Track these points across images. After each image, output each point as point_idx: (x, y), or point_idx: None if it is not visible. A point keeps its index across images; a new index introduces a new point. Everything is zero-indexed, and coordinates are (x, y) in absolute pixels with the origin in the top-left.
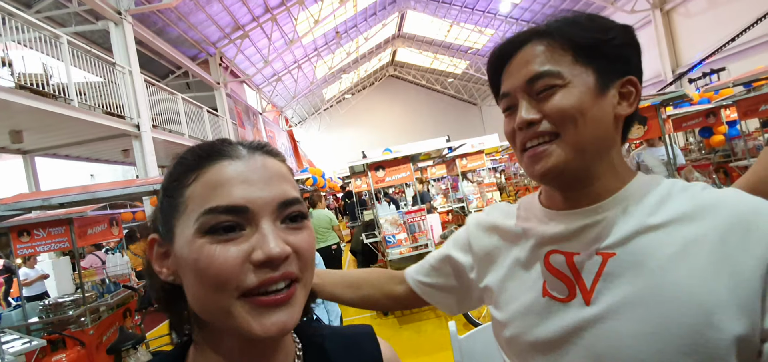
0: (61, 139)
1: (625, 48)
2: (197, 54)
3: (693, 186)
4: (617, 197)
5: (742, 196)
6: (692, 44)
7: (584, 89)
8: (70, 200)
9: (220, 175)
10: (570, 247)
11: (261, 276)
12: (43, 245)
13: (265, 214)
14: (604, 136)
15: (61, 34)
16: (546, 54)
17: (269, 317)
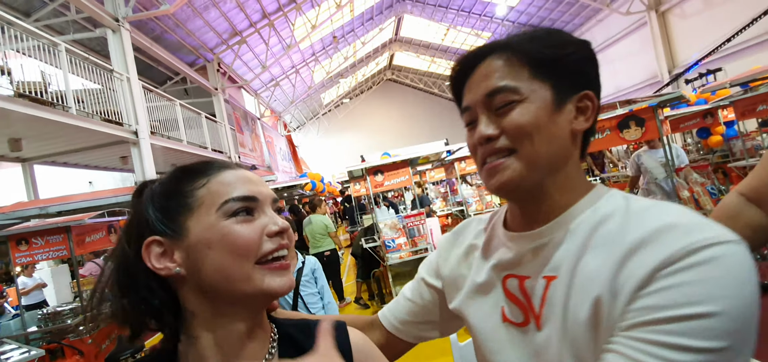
0: (59, 146)
1: (583, 63)
2: (195, 60)
3: (638, 207)
4: (564, 217)
5: (668, 217)
6: (688, 45)
7: (541, 105)
8: (68, 208)
9: (230, 177)
10: (522, 271)
11: (275, 243)
12: (42, 253)
13: (267, 203)
14: (560, 151)
15: (60, 42)
16: (505, 68)
17: (279, 277)
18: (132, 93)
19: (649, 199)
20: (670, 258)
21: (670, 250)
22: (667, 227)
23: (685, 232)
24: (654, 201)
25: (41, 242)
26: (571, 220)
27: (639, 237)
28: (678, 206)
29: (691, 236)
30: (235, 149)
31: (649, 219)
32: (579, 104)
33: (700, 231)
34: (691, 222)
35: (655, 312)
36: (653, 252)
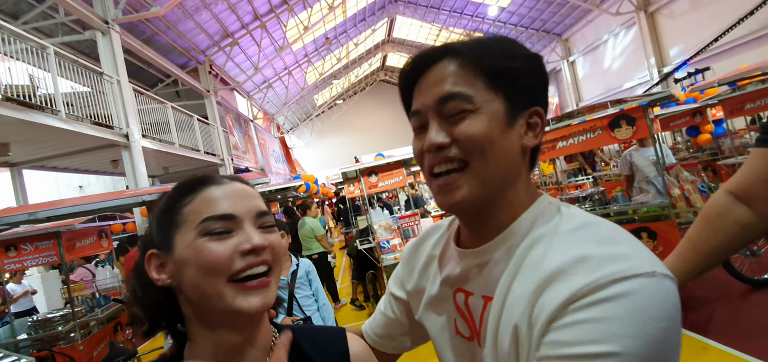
0: (48, 150)
1: (534, 77)
2: (186, 62)
3: (566, 229)
4: (504, 236)
5: (586, 246)
6: (677, 45)
7: (493, 117)
8: (58, 213)
9: (212, 194)
10: (468, 287)
11: (247, 261)
12: (31, 259)
13: (248, 219)
14: (511, 168)
15: (48, 45)
16: (459, 74)
17: (251, 296)
18: (122, 96)
19: (582, 218)
20: (579, 292)
21: (579, 284)
22: (581, 258)
23: (597, 265)
24: (584, 221)
25: (31, 248)
26: (510, 239)
27: (556, 266)
28: (607, 229)
29: (601, 270)
30: (228, 151)
31: (569, 247)
32: (529, 120)
33: (611, 265)
34: (606, 255)
35: (561, 347)
36: (565, 285)
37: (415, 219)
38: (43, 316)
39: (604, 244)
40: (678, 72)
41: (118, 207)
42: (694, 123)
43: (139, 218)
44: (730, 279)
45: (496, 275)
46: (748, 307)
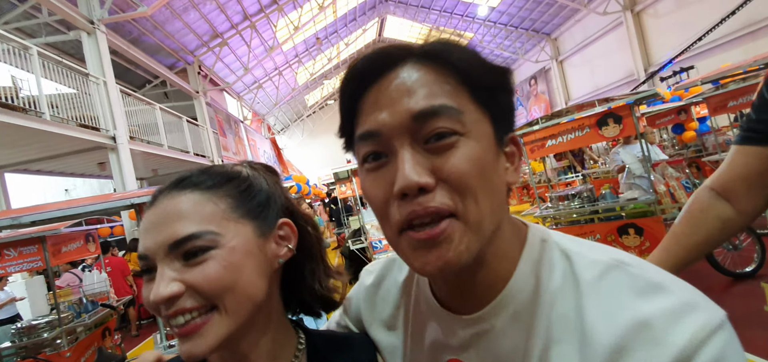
0: (32, 153)
1: (511, 95)
2: (175, 63)
3: (588, 278)
4: (504, 298)
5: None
6: (662, 44)
7: (485, 145)
8: (43, 217)
9: (142, 225)
10: (468, 358)
11: (165, 312)
12: (15, 265)
13: (160, 257)
14: (501, 208)
15: (31, 46)
16: (438, 83)
17: (183, 344)
18: (109, 97)
19: (594, 257)
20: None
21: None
22: (640, 326)
23: (665, 332)
24: (604, 265)
25: (14, 253)
26: (512, 300)
27: (613, 341)
28: (636, 270)
29: (673, 339)
30: (218, 153)
31: (612, 310)
32: (506, 149)
33: (679, 327)
34: (665, 312)
35: None
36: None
37: None
38: (28, 323)
39: (650, 295)
40: (663, 70)
41: (105, 211)
42: (679, 121)
43: (128, 221)
44: (712, 271)
45: (510, 346)
46: (730, 299)
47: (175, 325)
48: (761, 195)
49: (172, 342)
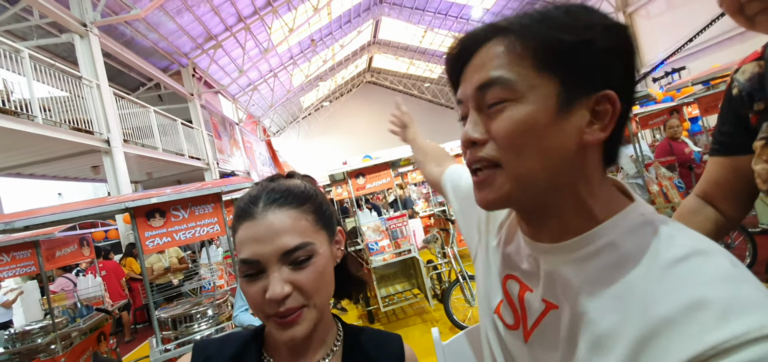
0: (24, 157)
1: (609, 54)
2: (169, 65)
3: (669, 259)
4: (570, 245)
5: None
6: (654, 45)
7: (540, 107)
8: (37, 222)
9: (244, 234)
10: (525, 280)
11: (273, 308)
12: (8, 270)
13: (273, 262)
14: (561, 168)
15: (23, 48)
16: (504, 56)
17: (285, 332)
18: (102, 100)
19: (688, 244)
20: (699, 356)
21: (699, 346)
22: (697, 304)
23: (720, 317)
24: (691, 249)
25: (7, 258)
26: (582, 248)
27: (664, 313)
28: (723, 262)
29: (728, 325)
30: (214, 155)
31: (677, 286)
32: (596, 107)
33: (738, 317)
34: (729, 301)
35: None
36: (679, 342)
37: (403, 220)
38: (22, 329)
39: (722, 284)
40: (655, 71)
41: (100, 215)
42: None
43: (123, 225)
44: None
45: (566, 284)
46: None
47: (276, 315)
48: (738, 200)
49: (168, 346)
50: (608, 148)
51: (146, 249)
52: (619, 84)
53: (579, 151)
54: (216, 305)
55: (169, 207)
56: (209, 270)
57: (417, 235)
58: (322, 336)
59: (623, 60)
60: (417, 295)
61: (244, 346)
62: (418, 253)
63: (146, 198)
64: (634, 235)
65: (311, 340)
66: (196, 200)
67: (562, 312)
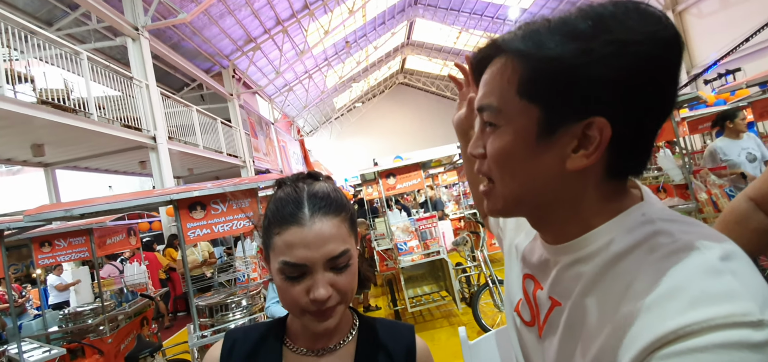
0: (80, 152)
1: (598, 84)
2: (211, 67)
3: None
4: (571, 246)
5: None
6: (706, 45)
7: (519, 135)
8: (92, 210)
9: (293, 237)
10: (538, 278)
11: (315, 305)
12: (64, 255)
13: (318, 266)
14: (546, 190)
15: (81, 51)
16: (497, 79)
17: (321, 324)
18: (151, 99)
19: (689, 236)
20: (663, 337)
21: (665, 327)
22: (673, 290)
23: (690, 303)
24: (690, 242)
25: (64, 244)
26: (582, 248)
27: (644, 296)
28: (718, 254)
29: (695, 310)
30: (250, 154)
31: (662, 274)
32: (587, 131)
33: (708, 305)
34: (705, 290)
35: None
36: (650, 324)
37: (433, 221)
38: (74, 310)
39: (706, 275)
40: (707, 73)
41: (147, 205)
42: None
43: (165, 218)
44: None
45: (569, 282)
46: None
47: (316, 312)
48: None
49: (205, 333)
50: (617, 161)
51: (187, 239)
52: (617, 109)
53: (567, 175)
54: (250, 296)
55: (209, 201)
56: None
57: (446, 237)
58: (340, 324)
59: (625, 89)
60: (445, 298)
61: (268, 332)
62: (447, 255)
63: (189, 191)
64: (631, 234)
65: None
66: (235, 195)
67: (564, 309)
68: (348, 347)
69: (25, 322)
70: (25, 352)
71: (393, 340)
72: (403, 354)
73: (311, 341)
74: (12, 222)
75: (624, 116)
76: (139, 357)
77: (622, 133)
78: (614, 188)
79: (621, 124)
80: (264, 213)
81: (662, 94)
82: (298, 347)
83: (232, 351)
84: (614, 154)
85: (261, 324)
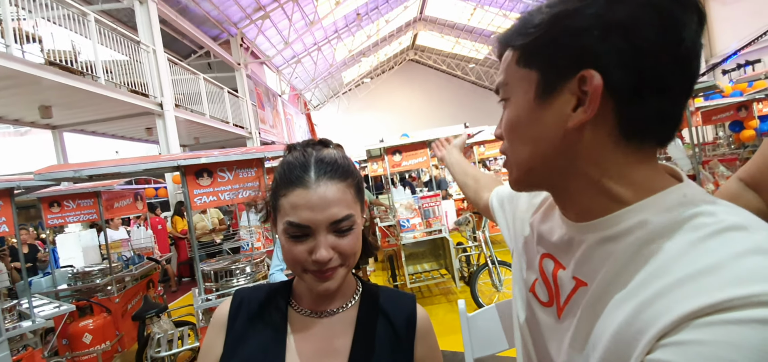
0: (88, 115)
1: (581, 34)
2: (219, 34)
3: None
4: (597, 224)
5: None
6: (728, 34)
7: (520, 101)
8: (101, 172)
9: (298, 199)
10: (559, 258)
11: (317, 265)
12: (73, 216)
13: (322, 229)
14: (552, 153)
15: (89, 12)
16: (505, 62)
17: (322, 283)
18: (158, 65)
19: (734, 219)
20: (703, 309)
21: (706, 300)
22: (715, 267)
23: (734, 280)
24: (735, 223)
25: (73, 205)
26: (612, 226)
27: (682, 272)
28: (759, 232)
29: (740, 287)
30: (256, 125)
31: (705, 253)
32: (582, 88)
33: (753, 282)
34: (751, 268)
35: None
36: (689, 296)
37: (436, 200)
38: (83, 269)
39: (752, 254)
40: (726, 62)
41: (155, 170)
42: (739, 118)
43: (171, 185)
44: None
45: (596, 262)
46: None
47: (317, 271)
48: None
49: (209, 296)
50: (628, 123)
51: (194, 206)
52: (609, 56)
53: (571, 135)
54: (253, 264)
55: (216, 168)
56: (248, 232)
57: (449, 216)
58: (343, 289)
59: (608, 33)
60: (444, 275)
61: (274, 293)
62: (449, 234)
63: (196, 158)
64: (670, 213)
65: (335, 292)
66: (241, 163)
67: (590, 288)
68: (350, 311)
69: (35, 279)
70: (35, 307)
71: (394, 308)
72: (403, 322)
73: (315, 303)
74: (22, 180)
75: (617, 65)
76: (145, 316)
77: (620, 84)
78: (636, 155)
79: (617, 75)
80: (273, 176)
81: (652, 36)
82: (303, 308)
83: (239, 308)
84: (623, 110)
85: (269, 285)
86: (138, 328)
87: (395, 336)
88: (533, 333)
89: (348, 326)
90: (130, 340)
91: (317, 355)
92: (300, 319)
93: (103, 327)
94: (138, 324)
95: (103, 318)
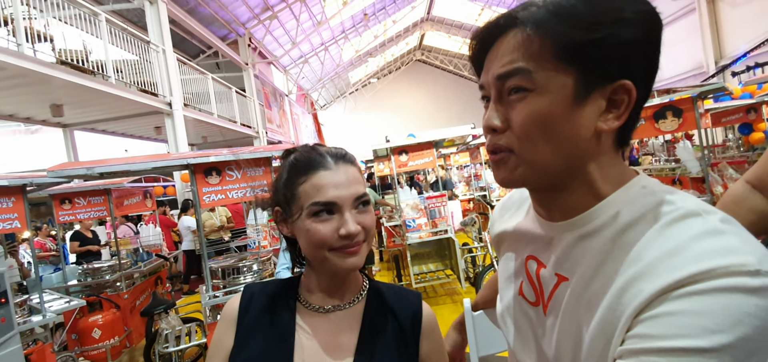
0: (98, 114)
1: (626, 47)
2: (227, 34)
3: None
4: (577, 221)
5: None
6: (737, 35)
7: (556, 99)
8: (111, 170)
9: (321, 180)
10: (542, 258)
11: (343, 241)
12: (84, 213)
13: (348, 204)
14: (574, 154)
15: (100, 12)
16: (522, 48)
17: (348, 259)
18: (167, 65)
19: (689, 206)
20: (671, 285)
21: (672, 277)
22: (678, 249)
23: (695, 258)
24: (690, 210)
25: (83, 202)
26: (589, 222)
27: (650, 258)
28: (716, 220)
29: (699, 263)
30: (263, 124)
31: (667, 239)
32: (613, 96)
33: (711, 259)
34: (708, 248)
35: (645, 340)
36: (657, 277)
37: (442, 200)
38: (92, 265)
39: (708, 236)
40: (736, 64)
41: (164, 168)
42: (748, 120)
43: (180, 183)
44: None
45: (575, 257)
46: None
47: (343, 248)
48: None
49: (217, 293)
50: (622, 130)
51: (203, 204)
52: (638, 71)
53: (592, 138)
54: (260, 262)
55: (224, 167)
56: (255, 230)
57: (455, 217)
58: (351, 284)
59: (644, 49)
60: (449, 276)
61: (283, 288)
62: (455, 235)
63: (205, 156)
64: (634, 205)
65: (343, 286)
66: (249, 162)
67: (571, 282)
68: (357, 307)
69: (46, 275)
70: (46, 302)
71: (400, 304)
72: (409, 319)
73: (323, 298)
74: (35, 177)
75: (644, 79)
76: (154, 312)
77: (638, 96)
78: (618, 155)
79: (640, 88)
80: (277, 176)
81: (658, 58)
82: (312, 303)
83: (250, 303)
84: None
85: (278, 280)
86: (146, 324)
87: (401, 333)
88: (523, 333)
89: (355, 322)
90: (138, 336)
91: (324, 350)
92: (308, 314)
93: (112, 322)
94: (146, 319)
95: (112, 313)
